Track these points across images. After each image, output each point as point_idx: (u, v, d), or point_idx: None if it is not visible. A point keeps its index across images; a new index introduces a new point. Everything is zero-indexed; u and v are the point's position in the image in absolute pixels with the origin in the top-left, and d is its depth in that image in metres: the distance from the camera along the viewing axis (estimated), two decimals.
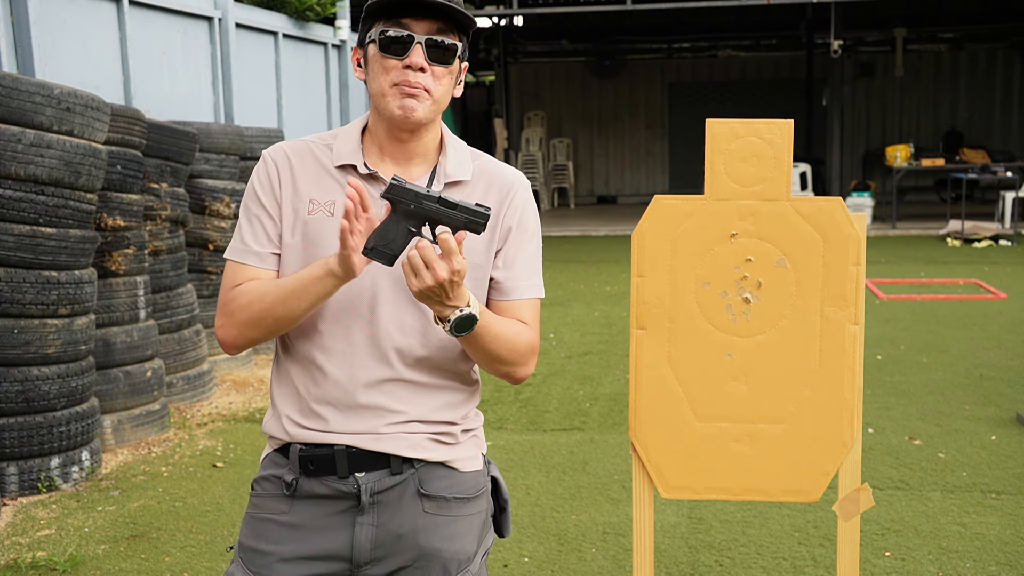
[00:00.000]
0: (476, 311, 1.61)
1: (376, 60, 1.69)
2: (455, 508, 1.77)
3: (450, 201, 1.57)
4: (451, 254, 1.52)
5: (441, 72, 1.68)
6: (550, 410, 5.40)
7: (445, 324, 1.61)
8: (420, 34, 1.66)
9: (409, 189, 1.57)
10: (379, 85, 1.68)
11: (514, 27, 18.29)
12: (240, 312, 1.70)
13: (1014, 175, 12.91)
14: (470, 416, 1.82)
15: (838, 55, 14.23)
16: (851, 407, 2.13)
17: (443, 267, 1.53)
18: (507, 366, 1.75)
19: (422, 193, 1.56)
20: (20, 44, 5.52)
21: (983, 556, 3.50)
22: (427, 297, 1.57)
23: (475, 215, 1.57)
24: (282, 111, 8.91)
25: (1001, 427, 4.95)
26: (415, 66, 1.65)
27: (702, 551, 3.59)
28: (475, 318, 1.61)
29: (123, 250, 4.84)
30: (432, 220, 1.58)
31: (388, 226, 1.58)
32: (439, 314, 1.61)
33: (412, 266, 1.54)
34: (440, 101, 1.70)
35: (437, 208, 1.57)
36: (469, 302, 1.60)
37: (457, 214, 1.57)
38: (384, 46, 1.66)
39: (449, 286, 1.54)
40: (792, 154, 2.11)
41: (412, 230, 1.58)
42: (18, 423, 4.13)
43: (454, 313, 1.59)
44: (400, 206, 1.57)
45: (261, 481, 1.79)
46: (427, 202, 1.57)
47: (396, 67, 1.66)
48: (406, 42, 1.65)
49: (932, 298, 8.59)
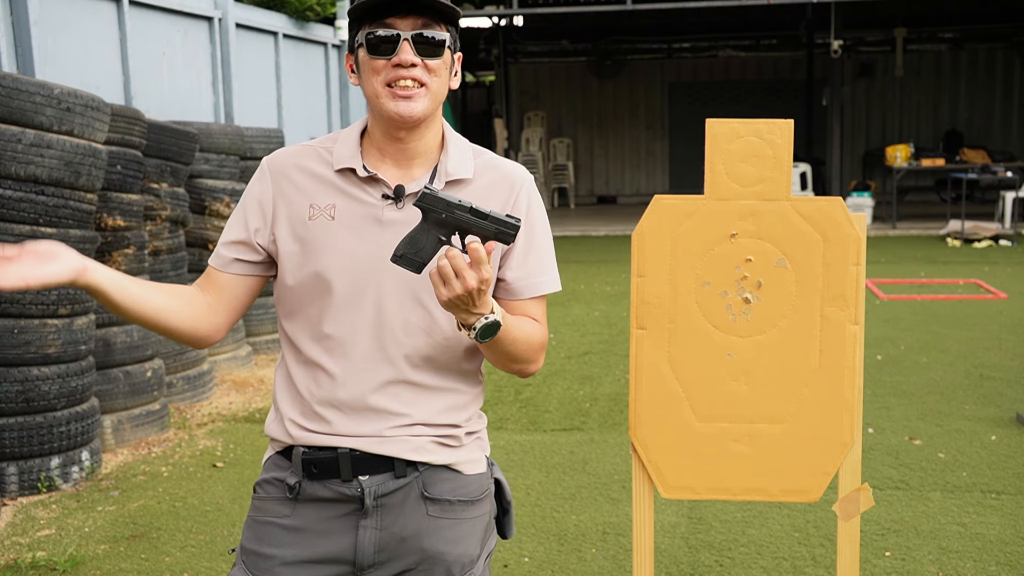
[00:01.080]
0: (500, 317, 1.62)
1: (366, 63, 1.68)
2: (459, 511, 1.76)
3: (481, 211, 1.57)
4: (480, 263, 1.53)
5: (434, 64, 1.68)
6: (550, 410, 5.40)
7: (470, 332, 1.61)
8: (406, 31, 1.65)
9: (441, 198, 1.57)
10: (372, 87, 1.68)
11: (514, 27, 18.29)
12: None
13: (1014, 175, 12.91)
14: (474, 418, 1.82)
15: (838, 55, 14.23)
16: (851, 407, 2.13)
17: (472, 276, 1.53)
18: (521, 364, 1.76)
19: (454, 203, 1.57)
20: (20, 44, 5.52)
21: (983, 556, 3.50)
22: (454, 305, 1.57)
23: (506, 226, 1.58)
24: (282, 111, 8.91)
25: (1001, 427, 4.95)
26: (405, 63, 1.65)
27: (702, 551, 3.59)
28: (499, 324, 1.62)
29: (123, 250, 4.84)
30: (462, 230, 1.58)
31: (418, 234, 1.58)
32: (464, 321, 1.61)
33: (442, 275, 1.54)
34: (437, 93, 1.70)
35: (468, 218, 1.57)
36: (493, 309, 1.61)
37: (488, 224, 1.57)
38: (372, 47, 1.66)
39: (476, 295, 1.55)
40: (792, 154, 2.11)
41: (442, 239, 1.59)
42: (18, 423, 4.13)
43: (479, 321, 1.60)
44: (431, 215, 1.57)
45: (263, 484, 1.79)
46: (459, 212, 1.57)
47: (386, 66, 1.66)
48: (393, 40, 1.65)
49: (932, 298, 8.59)
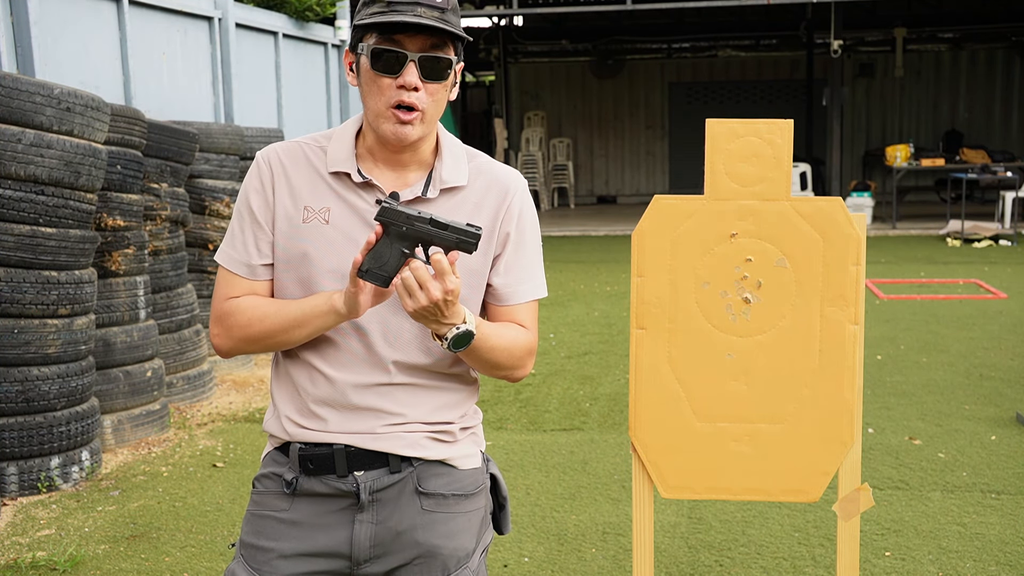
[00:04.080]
0: (472, 327, 1.63)
1: (369, 76, 1.66)
2: (453, 505, 1.77)
3: (441, 222, 1.58)
4: (444, 274, 1.54)
5: (435, 88, 1.67)
6: (550, 410, 5.40)
7: (443, 341, 1.63)
8: (414, 52, 1.63)
9: (400, 211, 1.57)
10: (374, 104, 1.67)
11: (514, 27, 18.30)
12: (237, 330, 1.73)
13: (1014, 175, 12.91)
14: (468, 414, 1.83)
15: (838, 55, 14.23)
16: (851, 407, 2.13)
17: (436, 287, 1.54)
18: (505, 371, 1.77)
19: (413, 215, 1.57)
20: (20, 44, 5.52)
21: (983, 556, 3.50)
22: (423, 316, 1.59)
23: (466, 235, 1.58)
24: (282, 111, 8.91)
25: (1001, 427, 4.95)
26: (409, 86, 1.63)
27: (702, 551, 3.59)
28: (472, 334, 1.63)
29: (123, 250, 4.84)
30: (424, 241, 1.59)
31: (381, 248, 1.59)
32: (436, 332, 1.63)
33: (406, 287, 1.56)
34: (434, 117, 1.70)
35: (428, 229, 1.58)
36: (465, 319, 1.62)
37: (448, 234, 1.58)
38: (376, 62, 1.64)
39: (444, 305, 1.56)
40: (792, 154, 2.11)
41: (405, 251, 1.59)
42: (18, 423, 4.13)
43: (451, 331, 1.61)
44: (392, 228, 1.58)
45: (262, 479, 1.80)
46: (419, 223, 1.58)
47: (391, 86, 1.64)
48: (400, 60, 1.63)
49: (932, 298, 8.59)
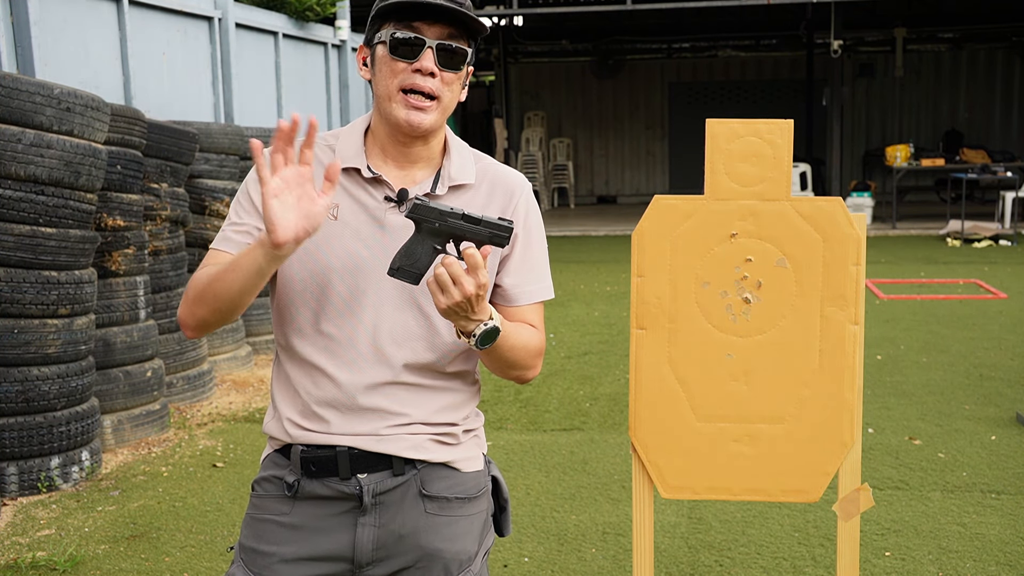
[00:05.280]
0: (499, 323, 1.62)
1: (385, 62, 1.67)
2: (456, 508, 1.77)
3: (474, 216, 1.58)
4: (477, 268, 1.53)
5: (450, 78, 1.67)
6: (550, 410, 5.40)
7: (470, 339, 1.61)
8: (432, 39, 1.65)
9: (433, 208, 1.57)
10: (387, 87, 1.67)
11: (514, 27, 18.29)
12: (190, 290, 1.66)
13: (1014, 175, 12.91)
14: (471, 416, 1.82)
15: (838, 55, 14.23)
16: (851, 407, 2.13)
17: (470, 282, 1.53)
18: (520, 370, 1.77)
19: (446, 211, 1.57)
20: (20, 44, 5.52)
21: (983, 556, 3.50)
22: (453, 313, 1.57)
23: (499, 229, 1.58)
24: (282, 111, 8.91)
25: (1001, 427, 4.95)
26: (425, 70, 1.64)
27: (702, 551, 3.59)
28: (499, 330, 1.62)
29: (123, 250, 4.84)
30: (456, 236, 1.58)
31: (413, 245, 1.58)
32: (463, 328, 1.61)
33: (440, 283, 1.54)
34: (448, 107, 1.70)
35: (461, 224, 1.57)
36: (492, 315, 1.61)
37: (481, 229, 1.57)
38: (394, 48, 1.65)
39: (475, 300, 1.55)
40: (792, 154, 2.11)
41: (437, 248, 1.59)
42: (18, 423, 4.13)
43: (479, 327, 1.60)
44: (425, 225, 1.58)
45: (262, 482, 1.79)
46: (451, 219, 1.57)
47: (406, 70, 1.65)
48: (417, 45, 1.64)
49: (932, 298, 8.59)
